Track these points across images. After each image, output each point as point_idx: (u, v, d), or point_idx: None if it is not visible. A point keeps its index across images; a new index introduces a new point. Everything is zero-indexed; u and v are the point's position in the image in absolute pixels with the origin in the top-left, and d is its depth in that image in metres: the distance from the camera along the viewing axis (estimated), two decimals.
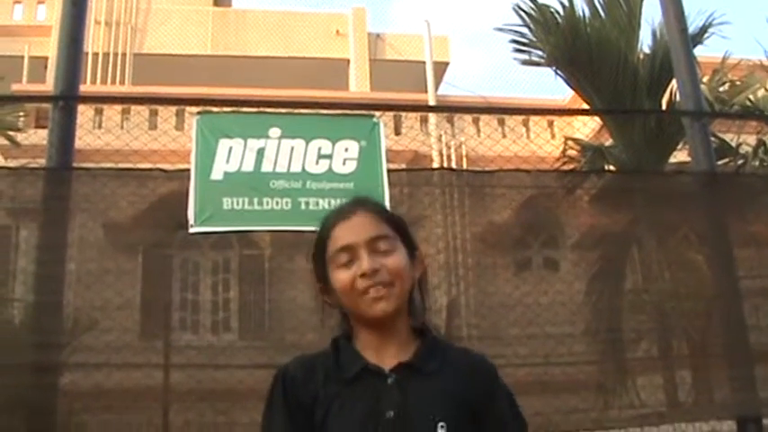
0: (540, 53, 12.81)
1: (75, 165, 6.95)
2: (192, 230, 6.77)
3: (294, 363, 2.72)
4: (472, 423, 2.61)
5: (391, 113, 16.55)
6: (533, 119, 19.74)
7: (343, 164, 6.98)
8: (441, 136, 19.93)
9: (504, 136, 17.58)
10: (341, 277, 2.65)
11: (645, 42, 12.62)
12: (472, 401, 2.63)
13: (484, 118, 19.87)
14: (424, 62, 23.05)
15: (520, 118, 19.52)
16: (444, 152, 19.94)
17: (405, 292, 2.68)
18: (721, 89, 14.04)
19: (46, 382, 6.33)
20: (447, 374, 2.65)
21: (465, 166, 18.63)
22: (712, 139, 9.10)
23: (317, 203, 6.80)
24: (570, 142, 14.52)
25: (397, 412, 2.53)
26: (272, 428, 2.66)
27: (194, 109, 7.37)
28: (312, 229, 7.05)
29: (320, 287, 2.78)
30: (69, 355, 6.85)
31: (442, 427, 2.53)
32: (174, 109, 15.99)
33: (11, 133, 14.18)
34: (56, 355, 6.53)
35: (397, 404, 2.55)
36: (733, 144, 13.04)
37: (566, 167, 12.95)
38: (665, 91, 12.19)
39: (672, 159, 12.07)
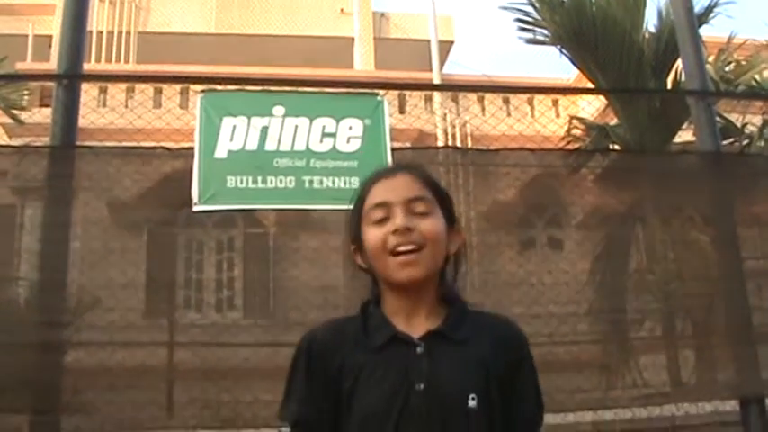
0: (544, 32, 12.76)
1: (78, 143, 6.96)
2: (195, 209, 6.77)
3: (322, 328, 2.69)
4: (499, 392, 2.57)
5: (396, 92, 16.53)
6: (538, 98, 19.73)
7: (347, 142, 6.97)
8: (445, 115, 19.89)
9: (509, 115, 17.47)
10: (373, 233, 2.61)
11: (650, 22, 12.58)
12: (501, 370, 2.59)
13: (488, 97, 19.82)
14: (428, 41, 22.97)
15: (524, 97, 19.45)
16: (449, 131, 19.89)
17: (436, 259, 2.62)
18: (727, 69, 13.98)
19: (50, 361, 6.36)
20: (477, 342, 2.61)
21: (470, 145, 18.57)
22: (717, 119, 9.07)
23: (321, 182, 6.79)
24: (575, 121, 14.48)
25: (427, 384, 2.49)
26: (291, 394, 2.63)
27: (198, 87, 7.37)
28: (317, 207, 7.05)
29: (353, 249, 2.73)
30: (73, 334, 6.86)
31: (473, 398, 2.50)
32: (178, 87, 15.93)
33: (15, 112, 14.17)
34: (60, 333, 6.55)
35: (427, 375, 2.50)
36: (738, 124, 13.02)
37: (570, 147, 12.93)
38: (670, 70, 12.15)
39: (677, 139, 12.05)
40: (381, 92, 7.45)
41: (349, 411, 2.54)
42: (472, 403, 2.50)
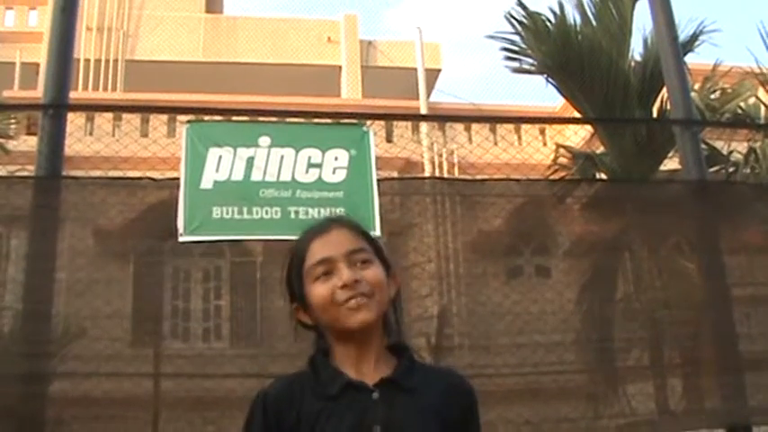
0: (531, 61, 12.81)
1: (64, 173, 6.95)
2: (181, 239, 6.76)
3: (275, 386, 2.70)
4: None
5: (383, 121, 16.55)
6: (525, 127, 19.78)
7: (333, 173, 6.97)
8: (432, 144, 19.94)
9: (496, 144, 17.56)
10: (319, 290, 2.63)
11: (636, 50, 12.64)
12: (450, 421, 2.64)
13: (475, 126, 19.87)
14: (415, 69, 23.06)
15: (512, 126, 19.53)
16: (436, 160, 19.95)
17: (384, 304, 2.68)
18: (712, 97, 14.05)
19: (35, 391, 6.32)
20: (428, 392, 2.65)
21: (456, 174, 18.65)
22: (703, 146, 9.12)
23: (307, 212, 6.78)
24: (561, 150, 14.52)
25: (384, 427, 2.52)
26: None
27: (184, 117, 7.37)
28: None
29: (295, 307, 2.76)
30: (59, 365, 6.84)
31: None
32: (165, 117, 15.96)
33: (1, 140, 14.14)
34: (45, 364, 6.52)
35: (384, 419, 2.53)
36: (724, 152, 13.06)
37: (557, 175, 12.97)
38: (655, 99, 12.20)
39: (663, 167, 12.08)
40: (368, 122, 7.46)
41: None
42: None
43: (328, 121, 7.93)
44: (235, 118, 7.68)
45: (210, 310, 13.03)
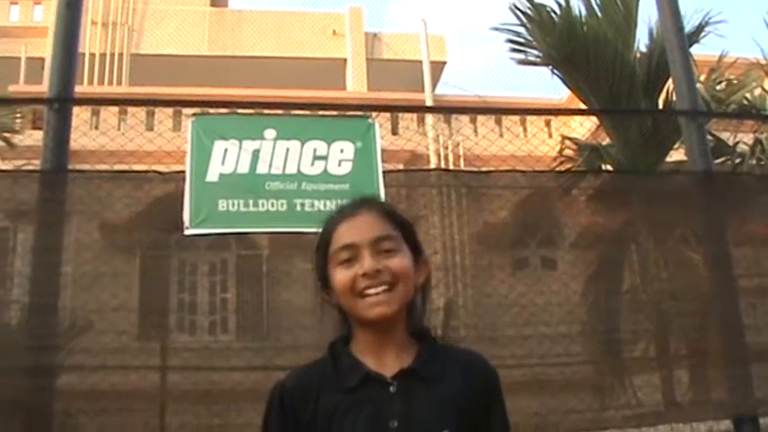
0: (536, 52, 12.78)
1: (70, 167, 6.95)
2: (187, 232, 6.77)
3: (292, 377, 2.68)
4: (472, 428, 2.59)
5: (388, 113, 16.54)
6: (530, 118, 19.76)
7: (339, 165, 6.97)
8: (438, 136, 19.93)
9: (501, 135, 17.55)
10: (340, 277, 2.61)
11: (641, 41, 12.61)
12: (473, 406, 2.61)
13: (481, 118, 19.87)
14: (420, 61, 23.04)
15: (517, 118, 19.51)
16: (441, 152, 19.95)
17: (407, 295, 2.63)
18: (718, 88, 14.04)
19: (42, 385, 6.33)
20: (449, 379, 2.62)
21: (462, 166, 18.65)
22: (709, 138, 9.09)
23: (313, 205, 6.79)
24: (567, 142, 14.52)
25: (400, 421, 2.50)
26: None
27: (190, 110, 7.37)
28: (308, 230, 7.06)
29: (320, 285, 2.73)
30: (65, 358, 6.85)
31: None
32: (170, 110, 15.96)
33: (7, 135, 14.17)
34: (52, 357, 6.53)
35: (401, 413, 2.51)
36: (730, 143, 13.05)
37: (562, 167, 12.97)
38: (661, 90, 12.17)
39: (669, 159, 12.06)
40: (373, 114, 7.45)
41: None
42: None
43: (334, 113, 7.92)
44: (240, 111, 7.67)
45: (217, 302, 13.03)
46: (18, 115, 15.12)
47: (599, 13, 12.31)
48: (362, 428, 2.51)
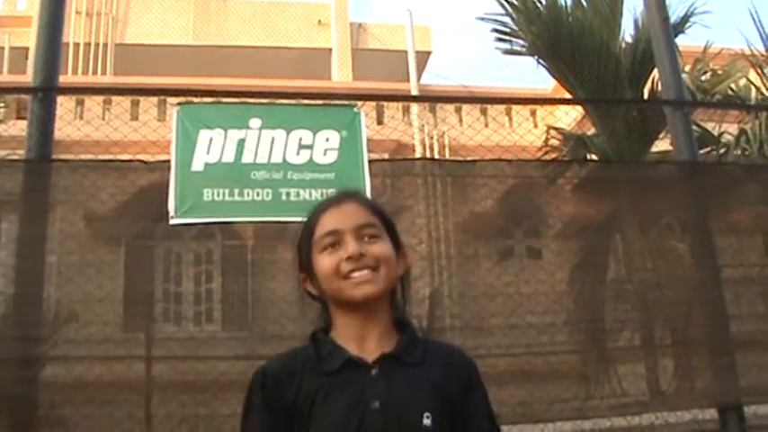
0: (522, 42, 12.79)
1: (54, 157, 6.92)
2: (172, 222, 6.76)
3: (274, 362, 2.72)
4: (452, 415, 2.62)
5: (373, 103, 16.53)
6: (516, 108, 19.77)
7: (324, 154, 6.97)
8: (423, 126, 19.93)
9: (487, 125, 17.53)
10: (325, 262, 2.67)
11: (627, 32, 12.63)
12: (452, 394, 2.65)
13: (466, 107, 19.87)
14: (406, 51, 23.02)
15: (502, 107, 19.52)
16: (427, 142, 19.94)
17: (390, 280, 2.70)
18: (703, 78, 14.07)
19: (27, 376, 6.32)
20: (429, 366, 2.67)
21: (447, 156, 18.63)
22: (694, 128, 9.12)
23: (298, 194, 6.79)
24: (552, 131, 14.53)
25: (382, 403, 2.54)
26: (255, 425, 2.64)
27: (175, 100, 7.35)
28: (294, 219, 7.05)
29: (302, 277, 2.79)
30: (50, 349, 6.83)
31: (427, 417, 2.54)
32: (155, 99, 15.93)
33: None
34: (37, 348, 6.51)
35: (383, 395, 2.55)
36: (715, 133, 13.08)
37: (548, 157, 12.97)
38: (646, 80, 12.20)
39: (654, 149, 12.09)
40: (358, 103, 7.45)
41: None
42: (427, 422, 2.54)
43: (319, 102, 7.91)
44: (225, 100, 7.66)
45: (202, 293, 13.01)
46: (1, 105, 15.05)
47: (584, 3, 12.31)
48: (344, 410, 2.54)
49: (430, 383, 2.62)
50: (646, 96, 12.27)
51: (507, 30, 12.74)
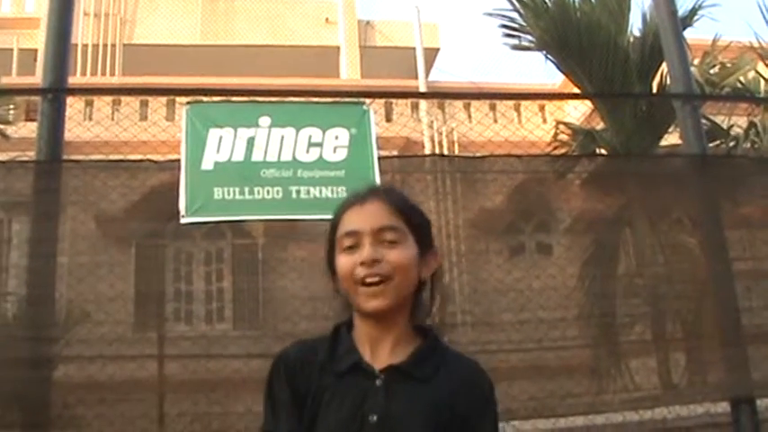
0: (530, 38, 12.78)
1: (65, 157, 6.94)
2: (183, 221, 6.77)
3: (295, 348, 2.70)
4: None
5: (382, 100, 16.53)
6: (524, 104, 19.73)
7: (334, 152, 6.98)
8: (432, 122, 19.92)
9: (496, 121, 17.50)
10: (342, 262, 2.63)
11: (635, 25, 12.62)
12: (459, 414, 2.59)
13: (475, 103, 19.82)
14: (414, 48, 23.00)
15: (511, 103, 19.48)
16: (436, 138, 19.92)
17: (405, 289, 2.63)
18: (712, 71, 14.04)
19: (40, 376, 6.33)
20: (438, 383, 2.61)
21: (456, 152, 18.61)
22: (703, 121, 9.10)
23: (308, 192, 6.79)
24: (561, 126, 14.51)
25: (380, 417, 2.51)
26: (276, 409, 2.63)
27: (184, 99, 7.36)
28: (304, 217, 7.05)
29: (331, 273, 2.74)
30: (63, 349, 6.86)
31: None
32: (164, 99, 15.93)
33: (0, 126, 14.13)
34: (49, 348, 6.53)
35: (382, 409, 2.52)
36: (724, 126, 13.06)
37: (557, 152, 12.95)
38: (655, 74, 12.19)
39: (663, 142, 12.08)
40: (367, 100, 7.45)
41: None
42: None
43: (328, 100, 7.92)
44: (234, 98, 7.67)
45: (213, 291, 13.02)
46: (11, 107, 15.09)
47: None
48: (344, 417, 2.52)
49: (433, 402, 2.56)
50: (654, 90, 12.26)
51: (515, 25, 12.74)
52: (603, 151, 12.82)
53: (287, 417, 2.61)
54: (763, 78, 14.10)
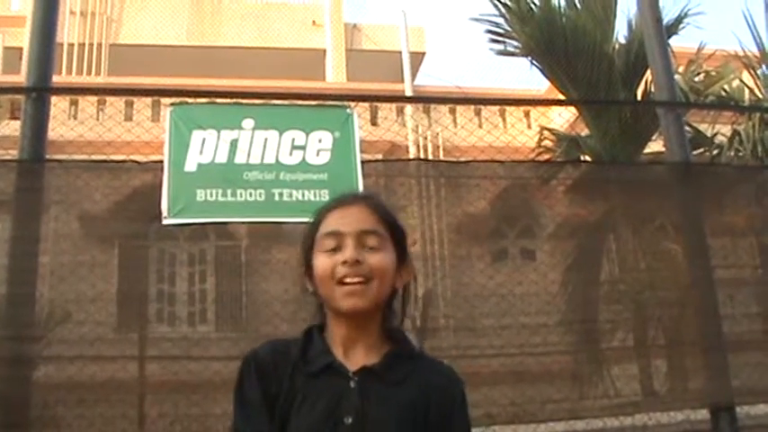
0: (515, 43, 12.82)
1: (48, 157, 6.92)
2: (165, 222, 6.76)
3: (265, 348, 2.69)
4: None
5: (367, 104, 16.54)
6: (509, 109, 19.80)
7: (317, 155, 6.98)
8: (417, 126, 19.94)
9: (481, 126, 17.56)
10: (322, 261, 2.63)
11: (620, 33, 12.66)
12: (429, 419, 2.61)
13: (460, 108, 19.90)
14: (400, 52, 23.03)
15: (496, 108, 19.54)
16: (420, 142, 19.96)
17: (382, 294, 2.65)
18: (696, 79, 14.10)
19: (20, 376, 6.32)
20: (410, 387, 2.63)
21: (441, 157, 18.64)
22: (687, 129, 9.14)
23: (291, 195, 6.79)
24: (546, 132, 14.55)
25: (355, 419, 2.51)
26: (245, 407, 2.62)
27: (168, 100, 7.35)
28: (287, 220, 7.05)
29: (304, 270, 2.75)
30: (43, 348, 6.83)
31: None
32: (149, 100, 15.90)
33: None
34: (30, 347, 6.51)
35: (356, 410, 2.52)
36: (708, 134, 13.11)
37: (541, 158, 12.99)
38: (640, 81, 12.23)
39: (647, 150, 12.12)
40: (351, 104, 7.46)
41: None
42: None
43: (312, 103, 7.92)
44: (218, 100, 7.66)
45: (196, 293, 13.00)
46: None
47: (578, 4, 12.36)
48: (317, 418, 2.52)
49: (406, 405, 2.58)
50: (639, 98, 12.30)
51: (501, 31, 12.78)
52: (587, 158, 12.85)
53: (257, 416, 2.59)
54: (748, 87, 14.16)
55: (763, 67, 14.08)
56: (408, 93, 20.91)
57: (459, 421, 2.69)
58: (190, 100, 7.45)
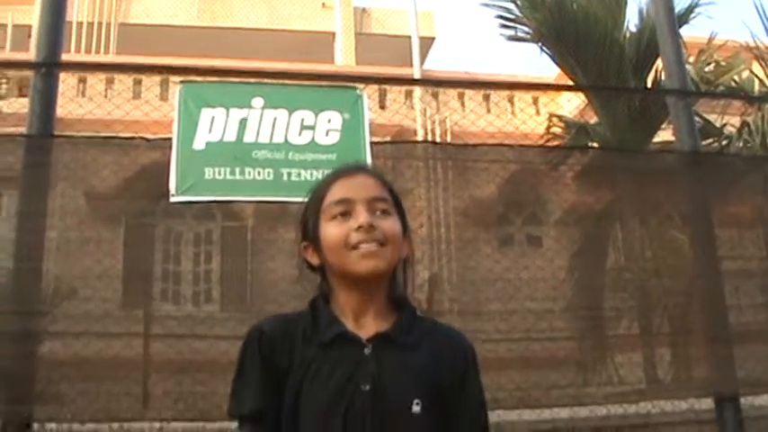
0: (526, 29, 12.79)
1: (56, 133, 6.91)
2: (172, 200, 6.74)
3: (270, 322, 2.65)
4: (444, 401, 2.57)
5: (376, 87, 16.51)
6: (518, 95, 19.71)
7: (326, 135, 6.96)
8: (425, 110, 19.90)
9: (489, 111, 17.50)
10: (333, 230, 2.58)
11: (631, 21, 12.63)
12: (445, 380, 2.59)
13: (469, 93, 19.81)
14: (409, 37, 22.94)
15: (505, 94, 19.47)
16: (429, 126, 19.90)
17: (394, 258, 2.61)
18: (707, 69, 14.04)
19: (25, 351, 6.30)
20: (423, 350, 2.60)
21: (449, 141, 18.61)
22: (696, 119, 9.09)
23: (299, 174, 6.77)
24: (554, 119, 14.51)
25: (372, 385, 2.48)
26: (244, 386, 2.58)
27: (177, 78, 7.33)
28: (294, 199, 7.03)
29: (304, 246, 2.70)
30: (49, 324, 6.82)
31: (417, 404, 2.49)
32: (157, 78, 15.86)
33: None
34: (36, 323, 6.50)
35: (373, 377, 2.49)
36: (717, 125, 13.07)
37: (550, 144, 12.95)
38: (650, 70, 12.20)
39: (656, 138, 12.09)
40: (361, 86, 7.44)
41: (295, 407, 2.51)
42: (416, 408, 2.49)
43: (322, 84, 7.89)
44: (228, 79, 7.64)
45: (201, 273, 13.02)
46: (4, 81, 15.02)
47: None
48: (334, 388, 2.49)
49: (422, 368, 2.56)
50: (649, 86, 12.27)
51: (511, 16, 12.75)
52: (596, 145, 12.83)
53: (254, 394, 2.56)
54: (758, 78, 14.10)
55: None
56: (417, 77, 20.85)
57: (472, 384, 2.68)
58: (199, 78, 7.43)
